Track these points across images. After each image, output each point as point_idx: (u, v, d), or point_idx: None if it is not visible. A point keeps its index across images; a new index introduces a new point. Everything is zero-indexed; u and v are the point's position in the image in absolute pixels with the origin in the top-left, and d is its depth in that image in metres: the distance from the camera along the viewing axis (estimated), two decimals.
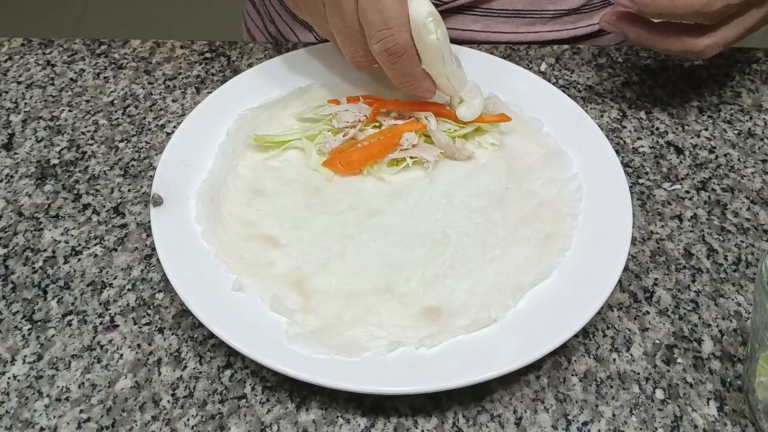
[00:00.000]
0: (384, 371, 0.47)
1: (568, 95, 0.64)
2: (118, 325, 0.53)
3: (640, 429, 0.48)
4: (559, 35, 0.79)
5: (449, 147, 0.61)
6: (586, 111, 0.63)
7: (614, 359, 0.51)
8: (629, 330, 0.53)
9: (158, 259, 0.54)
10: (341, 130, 0.61)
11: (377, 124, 0.63)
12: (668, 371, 0.51)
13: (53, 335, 0.52)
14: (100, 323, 0.53)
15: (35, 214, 0.60)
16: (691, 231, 0.60)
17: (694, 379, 0.50)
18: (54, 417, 0.48)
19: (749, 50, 0.76)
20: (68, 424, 0.48)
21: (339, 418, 0.48)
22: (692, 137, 0.67)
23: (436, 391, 0.46)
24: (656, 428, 0.48)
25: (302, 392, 0.49)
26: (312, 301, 0.51)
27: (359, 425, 0.48)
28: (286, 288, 0.52)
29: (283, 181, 0.59)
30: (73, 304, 0.54)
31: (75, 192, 0.62)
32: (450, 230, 0.56)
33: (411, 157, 0.60)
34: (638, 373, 0.51)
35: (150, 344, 0.52)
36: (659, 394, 0.50)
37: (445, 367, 0.47)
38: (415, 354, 0.48)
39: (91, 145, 0.66)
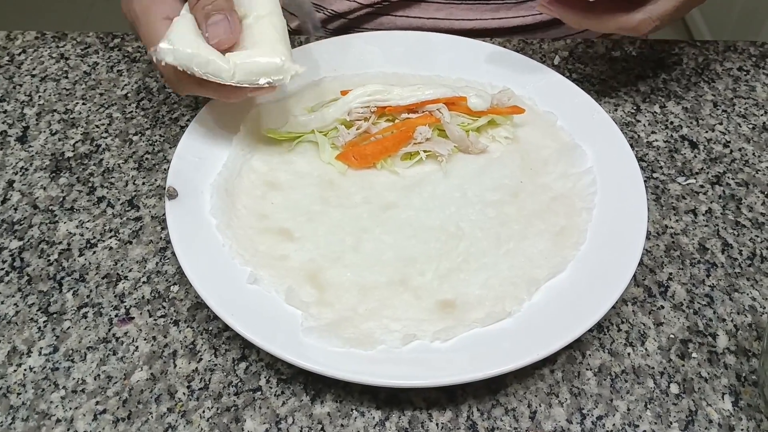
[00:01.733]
0: (399, 364, 0.47)
1: (582, 89, 0.64)
2: (133, 318, 0.53)
3: (655, 423, 0.48)
4: (524, 21, 0.79)
5: (463, 140, 0.60)
6: (600, 104, 0.63)
7: (629, 353, 0.51)
8: (644, 324, 0.53)
9: (173, 252, 0.55)
10: (354, 123, 0.61)
11: (390, 118, 0.63)
12: (683, 366, 0.51)
13: (69, 327, 0.53)
14: (116, 315, 0.53)
15: (50, 207, 0.60)
16: (705, 225, 0.59)
17: (708, 374, 0.50)
18: (70, 409, 0.48)
19: (764, 44, 0.76)
20: (84, 415, 0.48)
21: (354, 411, 0.48)
22: (707, 131, 0.67)
23: (450, 384, 0.46)
24: (671, 423, 0.48)
25: (317, 385, 0.49)
26: (327, 294, 0.51)
27: (374, 418, 0.48)
28: (301, 281, 0.52)
29: (298, 174, 0.59)
30: (88, 296, 0.54)
31: (89, 185, 0.62)
32: (464, 224, 0.56)
33: (425, 151, 0.60)
34: (653, 368, 0.50)
35: (165, 336, 0.52)
36: (674, 389, 0.50)
37: (459, 360, 0.47)
38: (430, 347, 0.48)
39: (105, 138, 0.66)
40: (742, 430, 0.48)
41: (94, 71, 0.72)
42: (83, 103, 0.69)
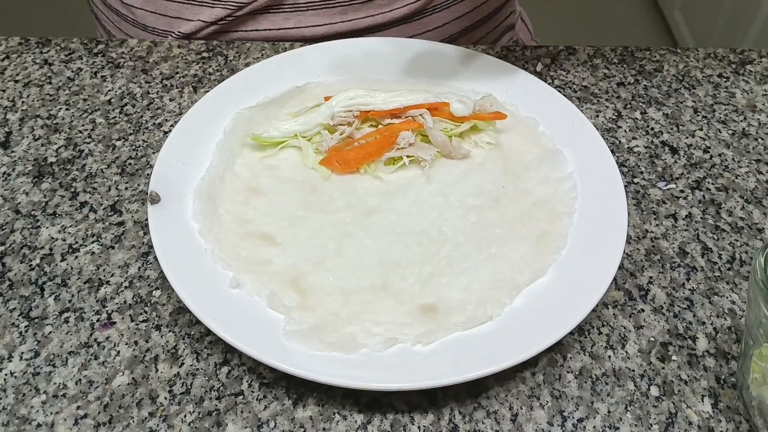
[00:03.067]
0: (381, 368, 0.47)
1: (564, 95, 0.65)
2: (115, 323, 0.53)
3: (635, 426, 0.48)
4: (374, 20, 0.78)
5: (446, 145, 0.61)
6: (581, 111, 0.63)
7: (609, 356, 0.52)
8: (624, 327, 0.53)
9: (155, 257, 0.55)
10: (337, 128, 0.61)
11: (374, 123, 0.63)
12: (663, 368, 0.51)
13: (50, 332, 0.52)
14: (97, 320, 0.53)
15: (32, 212, 0.60)
16: (685, 230, 0.60)
17: (688, 376, 0.51)
18: (51, 413, 0.48)
19: (743, 51, 0.77)
20: (65, 420, 0.48)
21: (336, 415, 0.48)
22: (687, 137, 0.68)
23: (432, 387, 0.46)
24: (651, 425, 0.48)
25: (299, 389, 0.49)
26: (309, 299, 0.51)
27: (356, 421, 0.48)
28: (283, 285, 0.52)
29: (280, 179, 0.60)
30: (70, 301, 0.54)
31: (72, 190, 0.62)
32: (446, 228, 0.56)
33: (408, 156, 0.61)
34: (633, 371, 0.51)
35: (147, 341, 0.52)
36: (654, 391, 0.50)
37: (441, 363, 0.48)
38: (412, 351, 0.49)
39: (89, 143, 0.66)
40: (721, 431, 0.48)
41: (78, 77, 0.72)
42: (66, 109, 0.69)
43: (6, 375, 0.50)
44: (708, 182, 0.64)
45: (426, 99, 0.62)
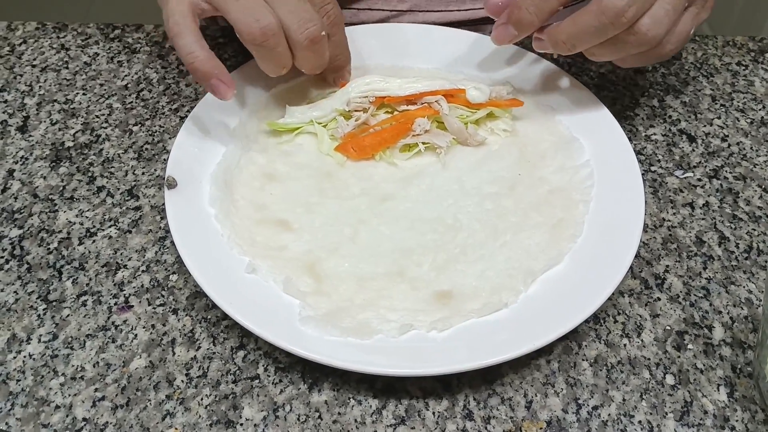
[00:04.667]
0: (395, 353, 0.47)
1: (581, 82, 0.64)
2: (132, 306, 0.53)
3: (650, 414, 0.48)
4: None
5: (461, 132, 0.61)
6: (598, 98, 0.63)
7: (625, 345, 0.52)
8: (640, 316, 0.53)
9: (172, 242, 0.55)
10: (353, 115, 0.61)
11: (389, 110, 0.63)
12: (679, 357, 0.51)
13: (68, 315, 0.53)
14: (115, 304, 0.53)
15: (50, 196, 0.60)
16: (702, 218, 0.60)
17: (704, 365, 0.51)
18: (69, 395, 0.49)
19: (762, 39, 0.76)
20: (83, 402, 0.48)
21: (351, 399, 0.49)
22: (705, 125, 0.67)
23: (446, 373, 0.46)
24: (666, 413, 0.48)
25: (314, 373, 0.50)
26: (324, 284, 0.52)
27: (371, 406, 0.48)
28: (299, 271, 0.52)
29: (296, 165, 0.60)
30: (87, 284, 0.55)
31: (89, 174, 0.62)
32: (461, 216, 0.56)
33: (423, 143, 0.61)
34: (649, 359, 0.51)
35: (164, 325, 0.52)
36: (669, 380, 0.50)
37: (455, 350, 0.48)
38: (427, 337, 0.49)
39: (105, 128, 0.66)
40: (737, 421, 0.48)
41: (95, 62, 0.72)
42: (83, 94, 0.69)
43: (25, 357, 0.50)
44: (726, 171, 0.63)
45: (442, 85, 0.62)
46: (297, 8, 0.53)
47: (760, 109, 0.69)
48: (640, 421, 0.48)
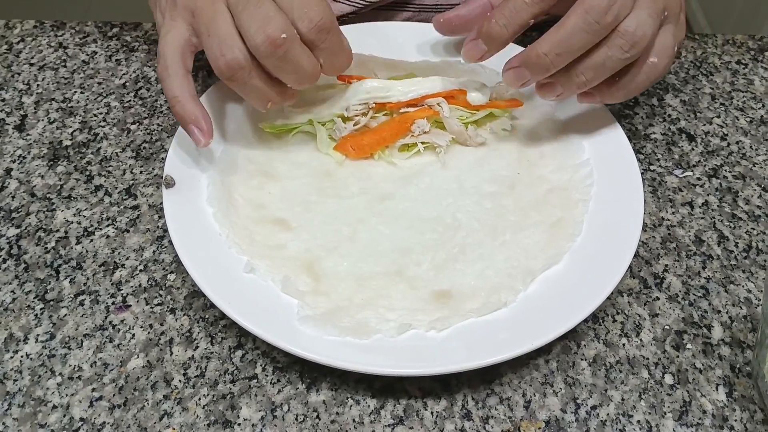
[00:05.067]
0: (394, 353, 0.47)
1: None
2: (130, 305, 0.53)
3: (649, 413, 0.48)
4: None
5: (461, 134, 0.60)
6: None
7: (624, 344, 0.51)
8: (639, 315, 0.53)
9: (170, 241, 0.55)
10: (352, 119, 0.61)
11: (388, 113, 0.62)
12: (677, 357, 0.51)
13: (65, 315, 0.53)
14: (112, 303, 0.53)
15: (48, 195, 0.60)
16: (702, 218, 0.59)
17: (703, 365, 0.51)
18: (66, 395, 0.49)
19: (762, 38, 0.76)
20: (80, 402, 0.48)
21: (349, 399, 0.48)
22: (704, 124, 0.67)
23: (445, 373, 0.46)
24: (665, 413, 0.48)
25: (312, 373, 0.50)
26: (323, 284, 0.51)
27: (369, 406, 0.48)
28: (297, 270, 0.52)
29: (295, 164, 0.60)
30: (85, 284, 0.54)
31: (87, 173, 0.62)
32: (460, 215, 0.56)
33: (423, 143, 0.60)
34: (647, 359, 0.51)
35: (162, 324, 0.52)
36: (668, 380, 0.50)
37: (454, 349, 0.47)
38: (425, 336, 0.49)
39: (103, 127, 0.66)
40: (735, 421, 0.48)
41: (93, 60, 0.72)
42: (81, 92, 0.69)
43: (22, 357, 0.50)
44: (725, 170, 0.63)
45: (444, 87, 0.61)
46: (257, 14, 0.49)
47: (759, 108, 0.69)
48: (638, 421, 0.48)
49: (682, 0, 0.57)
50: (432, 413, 0.48)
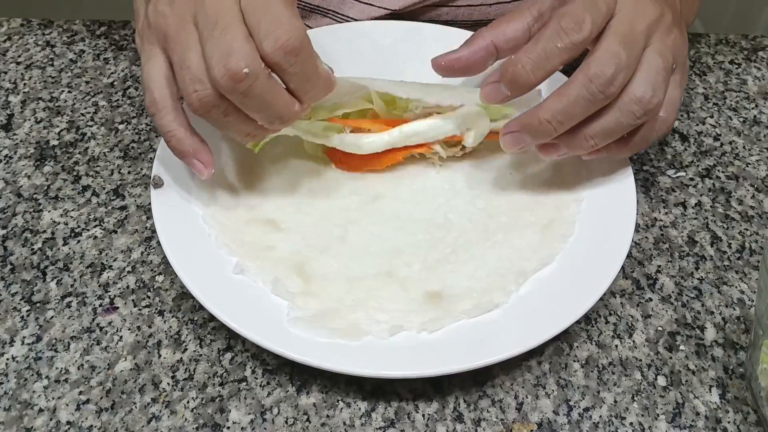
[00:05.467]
0: (385, 355, 0.47)
1: None
2: (117, 307, 0.52)
3: (642, 415, 0.48)
4: None
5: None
6: None
7: (616, 345, 0.51)
8: (632, 317, 0.53)
9: (158, 242, 0.54)
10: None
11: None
12: (670, 358, 0.51)
13: (52, 317, 0.52)
14: (100, 305, 0.53)
15: (34, 195, 0.59)
16: (695, 218, 0.59)
17: (696, 366, 0.50)
18: (53, 398, 0.48)
19: (755, 38, 0.75)
20: (67, 405, 0.47)
21: (339, 402, 0.48)
22: (697, 124, 0.67)
23: (437, 375, 0.46)
24: (658, 415, 0.48)
25: (303, 376, 0.49)
26: (313, 285, 0.51)
27: (360, 409, 0.48)
28: (288, 271, 0.51)
29: (285, 164, 0.59)
30: (72, 285, 0.54)
31: (74, 173, 0.61)
32: (452, 215, 0.56)
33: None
34: (640, 360, 0.50)
35: (150, 326, 0.51)
36: (661, 381, 0.49)
37: (446, 351, 0.47)
38: (417, 338, 0.48)
39: (91, 126, 0.65)
40: (728, 422, 0.47)
41: (81, 59, 0.71)
42: (69, 91, 0.68)
43: (8, 359, 0.50)
44: (718, 170, 0.63)
45: (446, 132, 0.57)
46: (220, 43, 0.44)
47: (752, 108, 0.68)
48: (631, 423, 0.47)
49: (686, 39, 0.54)
50: (423, 416, 0.47)
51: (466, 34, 0.67)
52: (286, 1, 0.45)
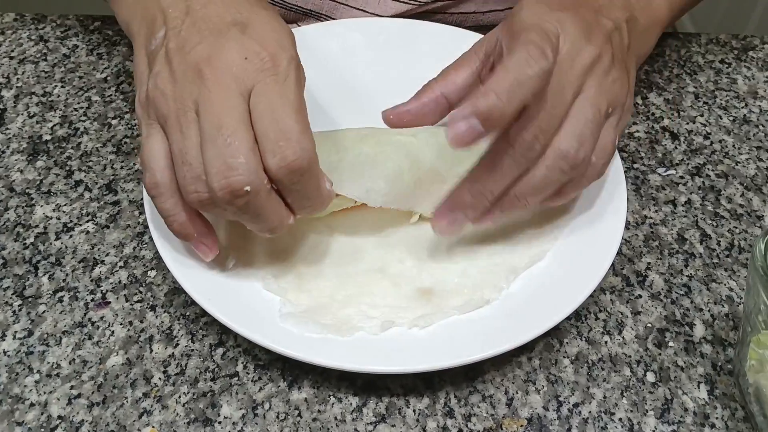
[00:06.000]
0: (376, 350, 0.47)
1: None
2: (109, 302, 0.53)
3: (631, 411, 0.48)
4: None
5: None
6: None
7: (606, 342, 0.51)
8: (621, 313, 0.53)
9: (150, 237, 0.54)
10: None
11: None
12: (659, 354, 0.51)
13: (44, 311, 0.52)
14: (92, 300, 0.53)
15: (27, 190, 0.59)
16: (684, 216, 0.60)
17: (685, 363, 0.51)
18: (44, 393, 0.48)
19: (746, 37, 0.76)
20: (59, 399, 0.48)
21: (331, 397, 0.48)
22: (688, 123, 0.67)
23: (428, 371, 0.46)
24: (647, 411, 0.48)
25: (294, 371, 0.49)
26: (305, 281, 0.51)
27: (351, 404, 0.48)
28: (280, 267, 0.52)
29: None
30: (64, 280, 0.54)
31: (67, 168, 0.61)
32: None
33: None
34: (630, 356, 0.51)
35: (142, 321, 0.52)
36: (650, 377, 0.50)
37: (437, 347, 0.47)
38: (408, 334, 0.48)
39: (84, 121, 0.65)
40: (717, 418, 0.48)
41: (74, 54, 0.71)
42: (62, 86, 0.68)
43: None
44: (708, 168, 0.63)
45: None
46: (223, 152, 0.41)
47: (742, 107, 0.69)
48: (620, 419, 0.48)
49: (632, 80, 0.51)
50: (414, 411, 0.48)
51: (460, 33, 0.68)
52: (299, 112, 0.43)
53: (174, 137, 0.43)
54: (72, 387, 0.48)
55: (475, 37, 0.66)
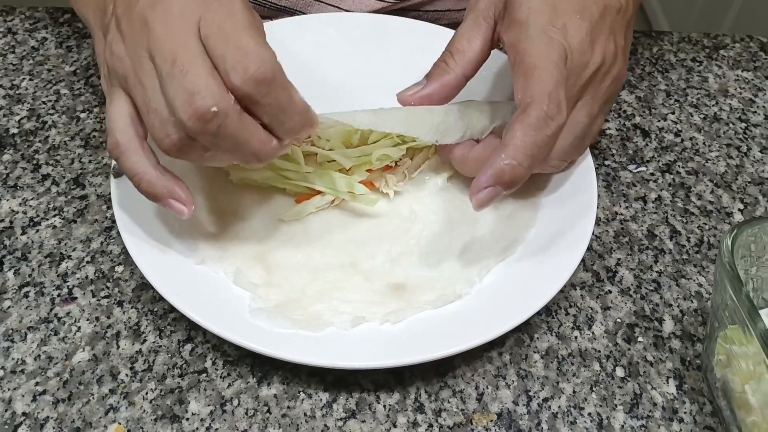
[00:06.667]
0: (347, 346, 0.47)
1: None
2: (76, 298, 0.52)
3: (600, 406, 0.48)
4: None
5: None
6: None
7: (576, 337, 0.52)
8: (591, 308, 0.53)
9: (118, 232, 0.53)
10: None
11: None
12: (629, 350, 0.51)
13: (9, 306, 0.51)
14: (58, 295, 0.52)
15: None
16: (654, 212, 0.60)
17: (654, 358, 0.51)
18: (8, 389, 0.47)
19: (717, 36, 0.77)
20: (23, 396, 0.47)
21: (301, 393, 0.48)
22: (659, 120, 0.68)
23: (399, 366, 0.46)
24: (616, 405, 0.48)
25: (264, 367, 0.49)
26: (276, 276, 0.51)
27: (321, 400, 0.48)
28: (250, 262, 0.51)
29: None
30: (30, 275, 0.53)
31: (34, 162, 0.60)
32: (417, 207, 0.56)
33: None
34: (599, 351, 0.51)
35: (109, 317, 0.51)
36: (619, 372, 0.50)
37: (408, 342, 0.47)
38: (379, 329, 0.48)
39: (52, 114, 0.64)
40: (685, 413, 0.48)
41: (43, 47, 0.70)
42: (30, 79, 0.67)
43: None
44: (678, 166, 0.64)
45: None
46: (183, 83, 0.40)
47: (713, 105, 0.70)
48: (589, 413, 0.48)
49: (629, 42, 0.53)
50: (385, 406, 0.48)
51: (433, 28, 0.68)
52: (252, 27, 0.42)
53: (136, 91, 0.43)
54: (37, 383, 0.47)
55: (450, 33, 0.66)
